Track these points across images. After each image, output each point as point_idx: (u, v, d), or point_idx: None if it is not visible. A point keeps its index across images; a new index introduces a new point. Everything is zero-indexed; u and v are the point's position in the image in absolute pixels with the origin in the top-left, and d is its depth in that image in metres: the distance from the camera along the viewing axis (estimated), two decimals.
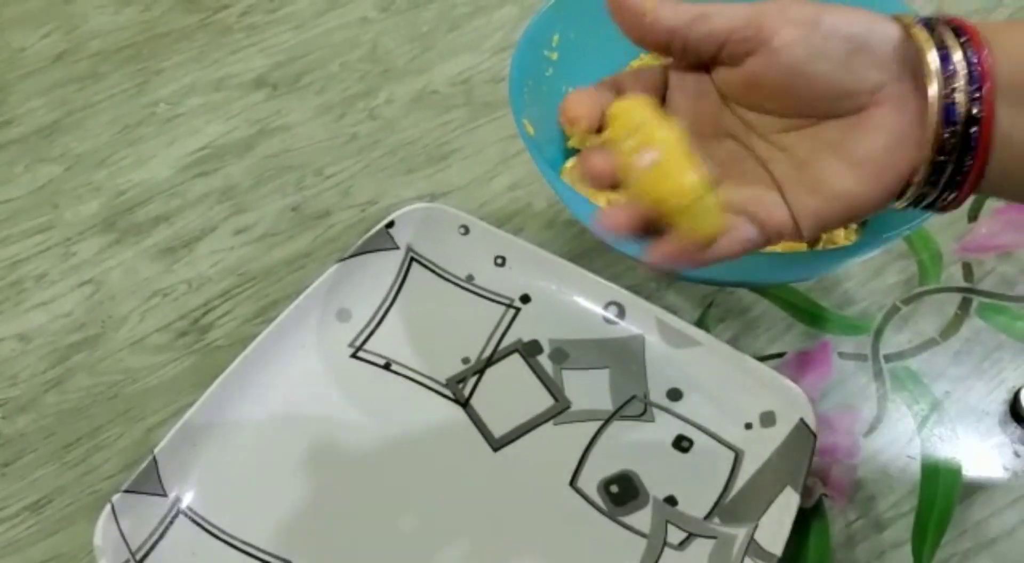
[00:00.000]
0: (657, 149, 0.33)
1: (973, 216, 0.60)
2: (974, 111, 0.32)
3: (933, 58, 0.33)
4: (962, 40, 0.33)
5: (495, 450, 0.49)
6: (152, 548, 0.45)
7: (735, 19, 0.34)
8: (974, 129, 0.32)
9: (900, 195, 0.35)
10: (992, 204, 0.60)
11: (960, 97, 0.32)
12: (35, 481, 0.52)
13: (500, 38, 0.72)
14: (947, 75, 0.32)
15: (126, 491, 0.45)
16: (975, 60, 0.32)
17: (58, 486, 0.52)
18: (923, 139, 0.33)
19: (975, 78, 0.32)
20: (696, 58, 0.36)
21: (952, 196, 0.35)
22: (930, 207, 0.36)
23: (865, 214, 0.35)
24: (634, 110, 0.34)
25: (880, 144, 0.33)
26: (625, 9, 0.35)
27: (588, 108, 0.35)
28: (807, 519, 0.49)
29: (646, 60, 0.59)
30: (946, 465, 0.50)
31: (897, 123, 0.33)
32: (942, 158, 0.33)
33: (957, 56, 0.32)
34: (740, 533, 0.46)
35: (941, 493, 0.49)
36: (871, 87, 0.33)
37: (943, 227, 0.59)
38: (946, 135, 0.33)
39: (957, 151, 0.33)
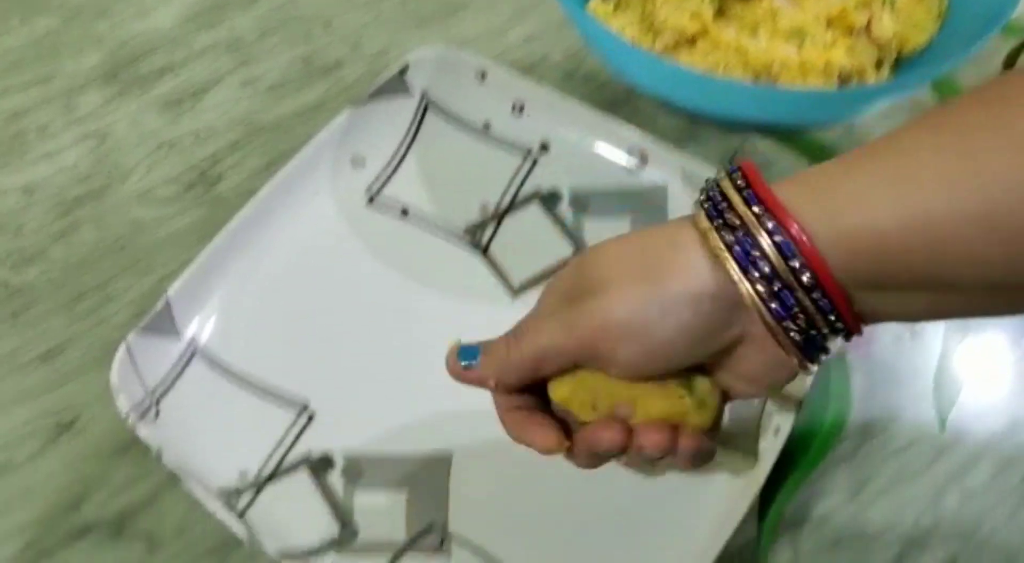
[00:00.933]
0: (628, 404, 0.33)
1: (1008, 67, 0.58)
2: (813, 294, 0.29)
3: (737, 275, 0.29)
4: (760, 216, 0.29)
5: (515, 296, 0.48)
6: (169, 388, 0.45)
7: (566, 353, 0.33)
8: (817, 296, 0.29)
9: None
10: None
11: (784, 286, 0.29)
12: (46, 331, 0.51)
13: None
14: (758, 277, 0.29)
15: (141, 330, 0.45)
16: (783, 240, 0.28)
17: (69, 336, 0.51)
18: (786, 358, 0.31)
19: (789, 254, 0.28)
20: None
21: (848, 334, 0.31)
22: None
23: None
24: (577, 389, 0.34)
25: (759, 366, 0.32)
26: (468, 381, 0.36)
27: (546, 431, 0.35)
28: (828, 368, 0.48)
29: None
30: None
31: (763, 353, 0.32)
32: (813, 333, 0.30)
33: (764, 242, 0.28)
34: None
35: (965, 343, 0.49)
36: (730, 340, 0.32)
37: (977, 78, 0.57)
38: (795, 331, 0.30)
39: (823, 317, 0.29)
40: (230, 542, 0.44)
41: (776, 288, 0.29)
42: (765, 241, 0.29)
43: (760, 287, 0.29)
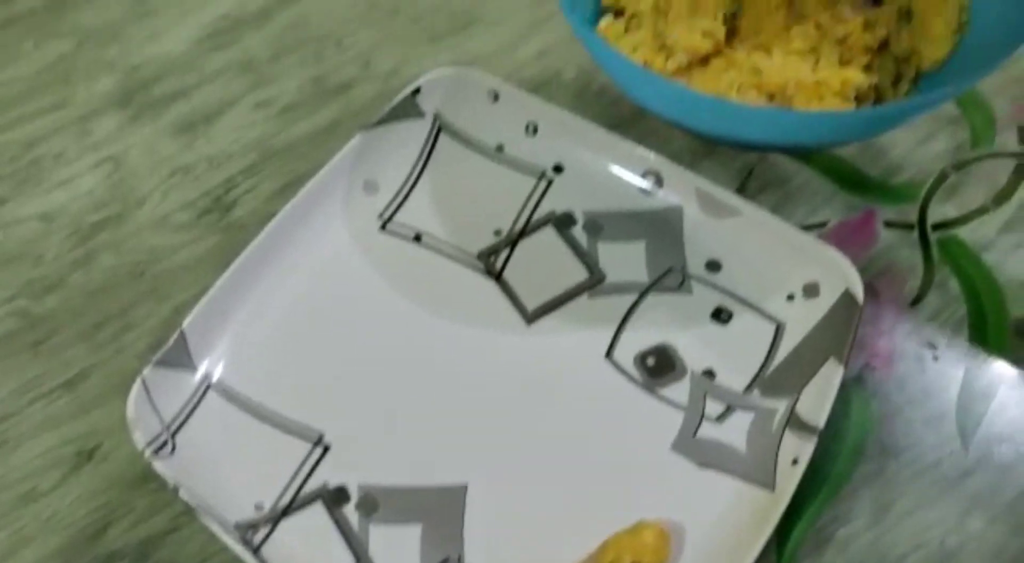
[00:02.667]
0: None
1: None
2: None
3: None
4: None
5: (529, 323, 0.48)
6: (185, 422, 0.45)
7: None
8: None
9: None
10: None
11: None
12: (67, 360, 0.51)
13: None
14: None
15: (156, 364, 0.45)
16: None
17: (90, 364, 0.51)
18: None
19: None
20: None
21: None
22: None
23: None
24: None
25: None
26: None
27: None
28: (849, 391, 0.48)
29: None
30: (995, 336, 0.49)
31: None
32: None
33: None
34: (781, 406, 0.45)
35: (989, 362, 0.48)
36: None
37: (999, 89, 0.56)
38: None
39: None
40: None
41: None
42: None
43: None
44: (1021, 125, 0.55)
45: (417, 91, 0.52)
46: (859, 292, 0.45)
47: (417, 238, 0.51)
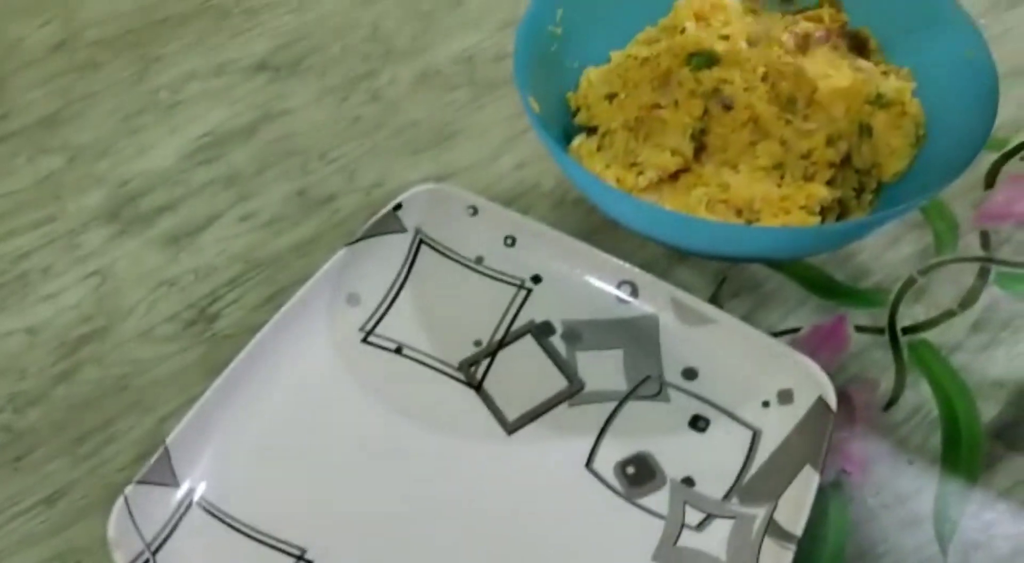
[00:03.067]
0: None
1: (990, 183, 0.59)
2: None
3: None
4: None
5: (509, 433, 0.49)
6: (166, 540, 0.45)
7: None
8: None
9: None
10: (1009, 170, 0.59)
11: None
12: (48, 475, 0.51)
13: (502, 15, 0.71)
14: None
15: (139, 482, 0.45)
16: None
17: (71, 479, 0.51)
18: None
19: None
20: None
21: None
22: None
23: None
24: None
25: None
26: None
27: None
28: (826, 496, 0.48)
29: (651, 33, 0.58)
30: (967, 437, 0.50)
31: None
32: None
33: None
34: (759, 513, 0.45)
35: (963, 466, 0.49)
36: None
37: (959, 195, 0.58)
38: None
39: None
40: None
41: None
42: None
43: None
44: (983, 230, 0.57)
45: (399, 206, 0.54)
46: (832, 399, 0.46)
47: (398, 350, 0.52)
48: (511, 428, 0.49)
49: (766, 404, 0.48)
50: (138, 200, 0.62)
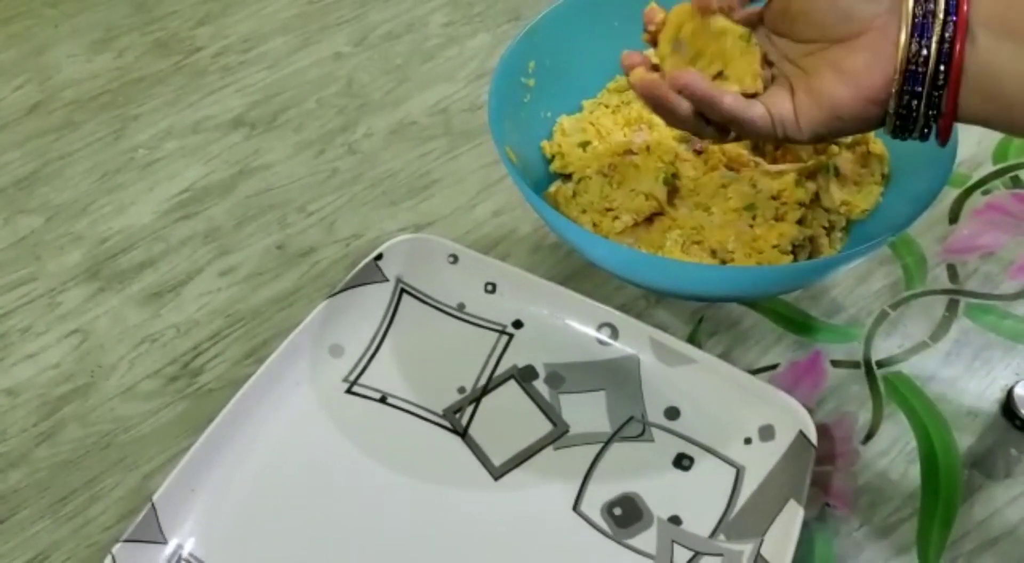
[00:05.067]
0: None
1: (954, 218, 0.61)
2: (947, 34, 0.37)
3: None
4: None
5: (496, 479, 0.49)
6: None
7: None
8: (946, 47, 0.37)
9: (883, 121, 0.40)
10: (972, 205, 0.61)
11: (933, 22, 0.37)
12: (31, 537, 0.51)
13: (475, 66, 0.73)
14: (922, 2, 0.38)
15: (126, 541, 0.45)
16: None
17: (54, 541, 0.51)
18: (895, 57, 0.38)
19: (952, 6, 0.37)
20: None
21: (935, 120, 0.40)
22: (915, 134, 0.41)
23: (851, 125, 0.41)
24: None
25: (862, 60, 0.40)
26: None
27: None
28: (811, 530, 0.49)
29: (621, 82, 0.60)
30: (945, 467, 0.50)
31: (880, 44, 0.39)
32: (913, 68, 0.38)
33: None
34: (746, 549, 0.46)
35: (943, 496, 0.49)
36: (867, 16, 0.39)
37: (925, 230, 0.60)
38: (914, 57, 0.38)
39: (931, 75, 0.38)
40: None
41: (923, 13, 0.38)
42: None
43: None
44: (950, 263, 0.58)
45: (379, 257, 0.54)
46: (812, 434, 0.47)
47: (383, 399, 0.52)
48: (498, 473, 0.49)
49: (748, 441, 0.49)
50: (118, 258, 0.62)
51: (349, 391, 0.52)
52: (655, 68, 0.45)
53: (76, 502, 0.52)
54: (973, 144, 0.64)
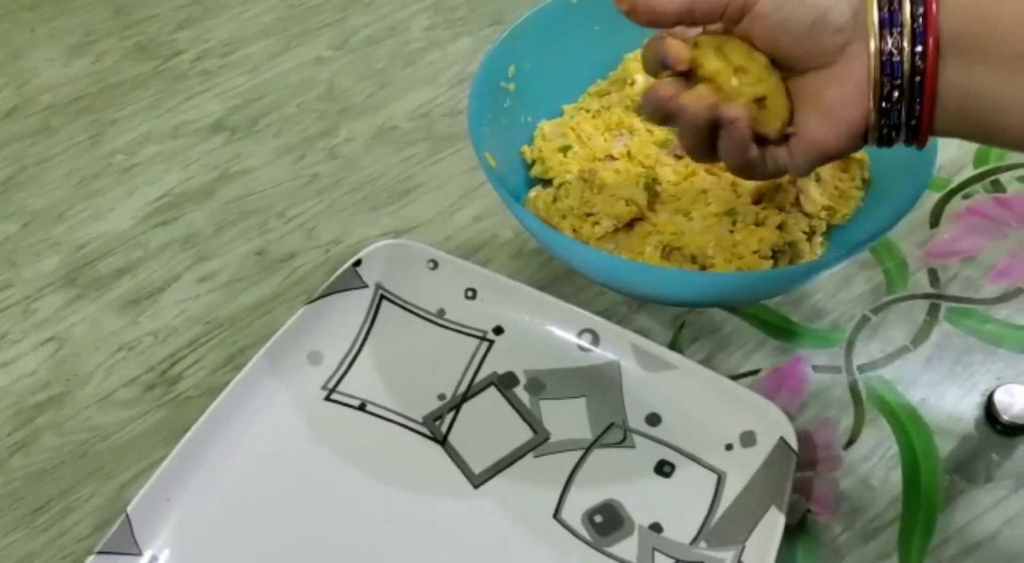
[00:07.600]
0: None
1: (935, 222, 0.61)
2: (917, 62, 0.37)
3: (873, 15, 0.37)
4: None
5: (476, 487, 0.49)
6: None
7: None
8: (918, 79, 0.37)
9: (865, 139, 0.40)
10: (953, 210, 0.61)
11: (902, 49, 0.37)
12: (5, 548, 0.50)
13: (456, 71, 0.72)
14: (889, 29, 0.37)
15: (99, 552, 0.44)
16: (921, 13, 0.36)
17: (29, 552, 0.50)
18: (868, 91, 0.38)
19: (919, 32, 0.36)
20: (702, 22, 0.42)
21: (913, 138, 0.40)
22: (894, 143, 0.40)
23: (837, 155, 0.41)
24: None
25: (839, 94, 0.39)
26: (638, 6, 0.41)
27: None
28: (793, 536, 0.48)
29: (602, 86, 0.60)
30: (927, 472, 0.50)
31: (853, 75, 0.38)
32: (886, 105, 0.38)
33: (905, 11, 0.37)
34: (727, 556, 0.45)
35: (924, 501, 0.49)
36: (836, 46, 0.39)
37: (906, 235, 0.60)
38: (887, 85, 0.38)
39: (906, 99, 0.38)
40: None
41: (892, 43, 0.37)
42: (906, 9, 0.37)
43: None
44: (931, 267, 0.58)
45: (359, 263, 0.54)
46: (793, 439, 0.46)
47: (362, 406, 0.52)
48: (478, 481, 0.49)
49: (729, 447, 0.49)
50: (95, 264, 0.62)
51: (328, 399, 0.52)
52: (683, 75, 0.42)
53: (52, 512, 0.51)
54: (954, 148, 0.64)
